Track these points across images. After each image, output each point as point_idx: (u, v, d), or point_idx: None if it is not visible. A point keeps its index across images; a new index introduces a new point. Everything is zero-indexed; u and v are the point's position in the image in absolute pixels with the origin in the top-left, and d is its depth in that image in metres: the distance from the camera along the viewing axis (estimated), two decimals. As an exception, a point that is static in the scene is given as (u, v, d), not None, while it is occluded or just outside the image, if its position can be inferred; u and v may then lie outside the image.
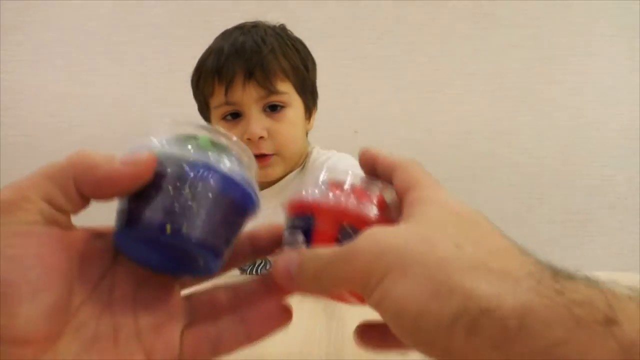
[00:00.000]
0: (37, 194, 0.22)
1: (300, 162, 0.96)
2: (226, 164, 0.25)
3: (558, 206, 1.48)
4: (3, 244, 0.20)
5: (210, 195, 0.24)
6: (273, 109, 0.86)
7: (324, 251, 0.24)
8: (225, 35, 0.92)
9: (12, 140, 1.44)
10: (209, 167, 0.24)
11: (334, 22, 1.41)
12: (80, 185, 0.23)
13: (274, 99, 0.86)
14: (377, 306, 0.21)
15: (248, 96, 0.84)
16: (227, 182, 0.25)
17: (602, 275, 0.20)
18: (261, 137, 0.84)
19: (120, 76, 1.45)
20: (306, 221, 0.28)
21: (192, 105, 1.44)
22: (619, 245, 1.44)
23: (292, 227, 0.28)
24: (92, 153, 0.24)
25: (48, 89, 1.45)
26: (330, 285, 0.24)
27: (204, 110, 0.93)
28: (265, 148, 0.85)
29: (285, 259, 0.25)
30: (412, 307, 0.20)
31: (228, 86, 0.84)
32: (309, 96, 0.94)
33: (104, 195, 0.23)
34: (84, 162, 0.23)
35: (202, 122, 0.99)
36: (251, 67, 0.84)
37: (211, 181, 0.24)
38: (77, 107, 1.45)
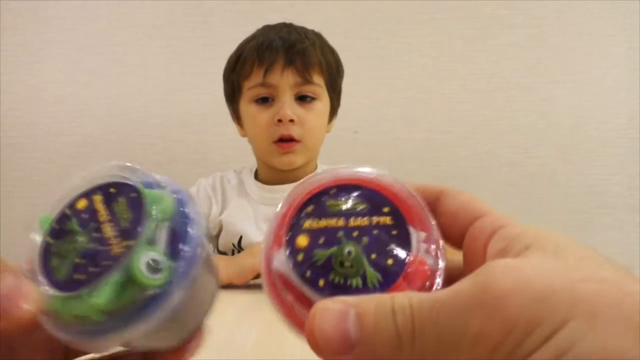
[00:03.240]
0: None
1: (311, 167, 0.99)
2: None
3: (557, 206, 1.48)
4: None
5: None
6: (303, 99, 0.92)
7: (426, 295, 0.17)
8: (269, 27, 0.97)
9: (12, 141, 1.44)
10: None
11: (334, 22, 1.41)
12: None
13: (308, 89, 0.91)
14: None
15: (285, 81, 0.89)
16: None
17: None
18: (291, 120, 0.88)
19: (120, 77, 1.45)
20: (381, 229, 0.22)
21: (191, 106, 1.45)
22: (618, 245, 1.45)
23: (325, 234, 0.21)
24: None
25: (48, 90, 1.45)
26: (440, 348, 0.16)
27: (234, 93, 0.97)
28: (294, 132, 0.90)
29: (334, 309, 0.17)
30: None
31: (268, 68, 0.89)
32: (335, 97, 0.99)
33: None
34: None
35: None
36: (293, 55, 0.89)
37: None
38: (77, 108, 1.45)
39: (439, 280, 0.21)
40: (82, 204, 0.24)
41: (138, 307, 0.21)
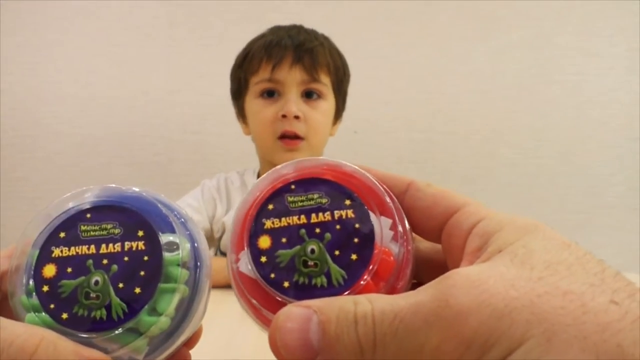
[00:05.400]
0: None
1: None
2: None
3: (557, 206, 1.48)
4: None
5: None
6: (310, 96, 0.92)
7: (388, 303, 0.17)
8: (279, 27, 0.97)
9: (13, 141, 1.44)
10: None
11: (333, 22, 1.41)
12: None
13: (314, 86, 0.91)
14: None
15: (292, 78, 0.89)
16: None
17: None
18: (297, 117, 0.88)
19: (120, 77, 1.45)
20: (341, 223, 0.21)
21: (192, 107, 1.45)
22: (618, 245, 1.45)
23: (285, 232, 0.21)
24: None
25: (49, 90, 1.45)
26: (400, 358, 0.16)
27: (240, 89, 0.97)
28: (298, 129, 0.89)
29: (297, 317, 0.17)
30: None
31: (276, 64, 0.89)
32: (341, 99, 0.99)
33: None
34: None
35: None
36: (301, 53, 0.89)
37: None
38: (77, 109, 1.45)
39: (407, 268, 0.21)
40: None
41: (184, 304, 0.21)
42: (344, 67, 0.98)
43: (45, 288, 0.21)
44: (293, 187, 0.22)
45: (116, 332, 0.20)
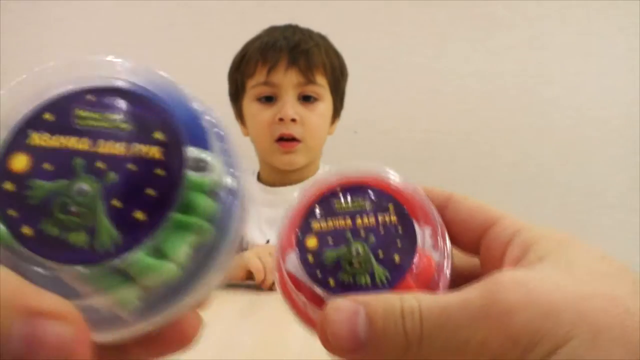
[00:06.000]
0: None
1: (314, 168, 0.99)
2: None
3: (557, 206, 1.48)
4: None
5: None
6: (307, 99, 0.92)
7: (434, 300, 0.17)
8: (274, 27, 0.97)
9: (13, 140, 1.44)
10: None
11: (333, 22, 1.41)
12: None
13: (311, 89, 0.91)
14: None
15: (288, 80, 0.89)
16: None
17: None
18: (293, 120, 0.89)
19: (120, 77, 1.45)
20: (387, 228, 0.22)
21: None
22: (618, 245, 1.45)
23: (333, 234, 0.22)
24: None
25: (48, 90, 1.45)
26: (445, 353, 0.17)
27: (238, 92, 0.97)
28: (295, 131, 0.90)
29: (345, 309, 0.18)
30: None
31: (271, 67, 0.89)
32: (338, 99, 0.99)
33: None
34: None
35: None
36: (296, 55, 0.89)
37: None
38: (77, 108, 1.45)
39: (446, 275, 0.22)
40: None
41: (204, 249, 0.15)
42: (341, 66, 0.98)
43: (9, 186, 0.14)
44: (339, 192, 0.23)
45: (96, 268, 0.14)
